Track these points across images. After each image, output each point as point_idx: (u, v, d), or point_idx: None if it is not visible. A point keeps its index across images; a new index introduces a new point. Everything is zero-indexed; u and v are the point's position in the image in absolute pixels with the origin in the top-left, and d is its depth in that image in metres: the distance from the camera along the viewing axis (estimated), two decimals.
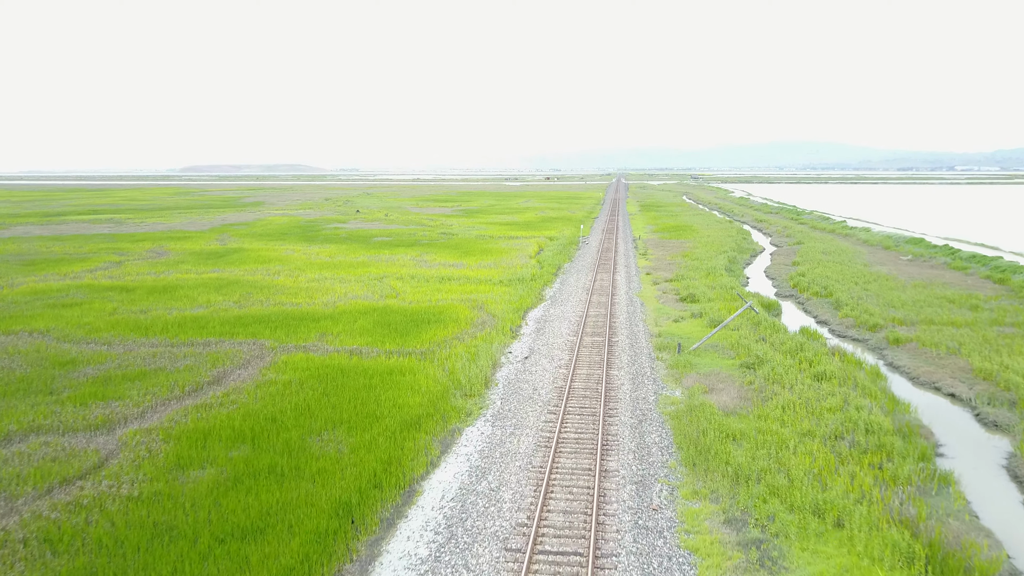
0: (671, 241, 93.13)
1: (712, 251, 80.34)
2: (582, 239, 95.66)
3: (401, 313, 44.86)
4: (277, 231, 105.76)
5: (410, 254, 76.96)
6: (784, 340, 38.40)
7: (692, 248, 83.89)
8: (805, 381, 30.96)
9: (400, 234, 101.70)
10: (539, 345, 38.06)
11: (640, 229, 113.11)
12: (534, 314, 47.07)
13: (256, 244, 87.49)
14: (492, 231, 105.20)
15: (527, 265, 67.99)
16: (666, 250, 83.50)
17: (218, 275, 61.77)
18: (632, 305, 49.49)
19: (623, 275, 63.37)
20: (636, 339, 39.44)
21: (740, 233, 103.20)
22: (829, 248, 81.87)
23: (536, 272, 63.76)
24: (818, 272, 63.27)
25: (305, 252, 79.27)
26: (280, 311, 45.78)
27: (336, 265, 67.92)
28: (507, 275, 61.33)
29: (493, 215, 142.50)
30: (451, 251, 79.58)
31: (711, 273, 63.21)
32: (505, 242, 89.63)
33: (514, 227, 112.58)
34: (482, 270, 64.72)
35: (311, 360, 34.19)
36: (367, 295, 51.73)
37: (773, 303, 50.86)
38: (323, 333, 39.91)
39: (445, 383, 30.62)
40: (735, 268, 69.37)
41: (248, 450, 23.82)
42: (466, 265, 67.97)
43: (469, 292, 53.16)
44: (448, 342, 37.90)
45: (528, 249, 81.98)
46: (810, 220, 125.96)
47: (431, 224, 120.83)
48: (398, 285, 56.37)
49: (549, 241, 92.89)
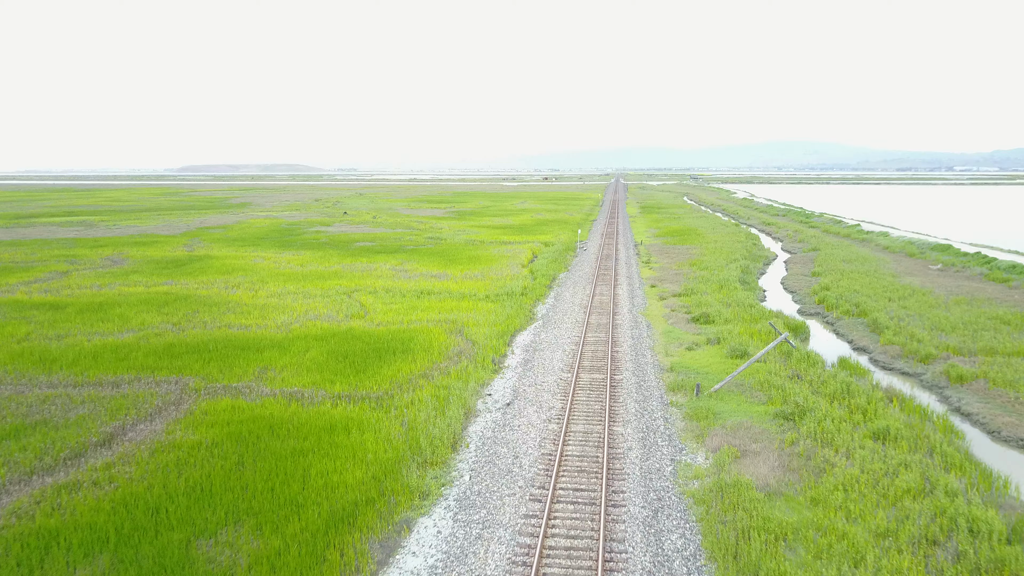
0: (676, 247, 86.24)
1: (722, 259, 73.48)
2: (580, 244, 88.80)
3: (364, 339, 37.91)
4: (253, 236, 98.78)
5: (391, 262, 70.02)
6: (824, 377, 31.52)
7: (700, 255, 76.99)
8: (864, 442, 24.05)
9: (385, 239, 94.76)
10: (525, 385, 31.13)
11: (642, 233, 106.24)
12: (522, 339, 40.13)
13: (225, 251, 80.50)
14: (484, 235, 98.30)
15: (518, 276, 61.06)
16: (671, 257, 76.62)
17: (169, 288, 54.78)
18: (637, 327, 42.57)
19: (625, 288, 56.46)
20: (644, 375, 32.54)
21: (749, 238, 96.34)
22: (849, 256, 75.00)
23: (527, 285, 56.86)
24: (844, 285, 56.36)
25: (276, 260, 72.29)
26: (223, 336, 38.82)
27: (305, 276, 60.95)
28: (495, 288, 54.42)
29: (487, 217, 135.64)
30: (436, 259, 72.65)
31: (724, 286, 56.33)
32: (496, 248, 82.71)
33: (508, 231, 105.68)
34: (468, 282, 57.79)
35: (238, 409, 27.23)
36: (330, 315, 44.77)
37: (800, 325, 43.91)
38: (265, 368, 32.96)
39: (400, 447, 23.69)
40: (749, 279, 62.47)
41: (103, 566, 16.87)
42: (450, 276, 61.04)
43: (449, 310, 46.22)
44: (414, 381, 30.96)
45: (521, 256, 75.06)
46: (821, 223, 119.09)
47: (420, 227, 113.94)
48: (369, 302, 49.40)
49: (544, 247, 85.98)
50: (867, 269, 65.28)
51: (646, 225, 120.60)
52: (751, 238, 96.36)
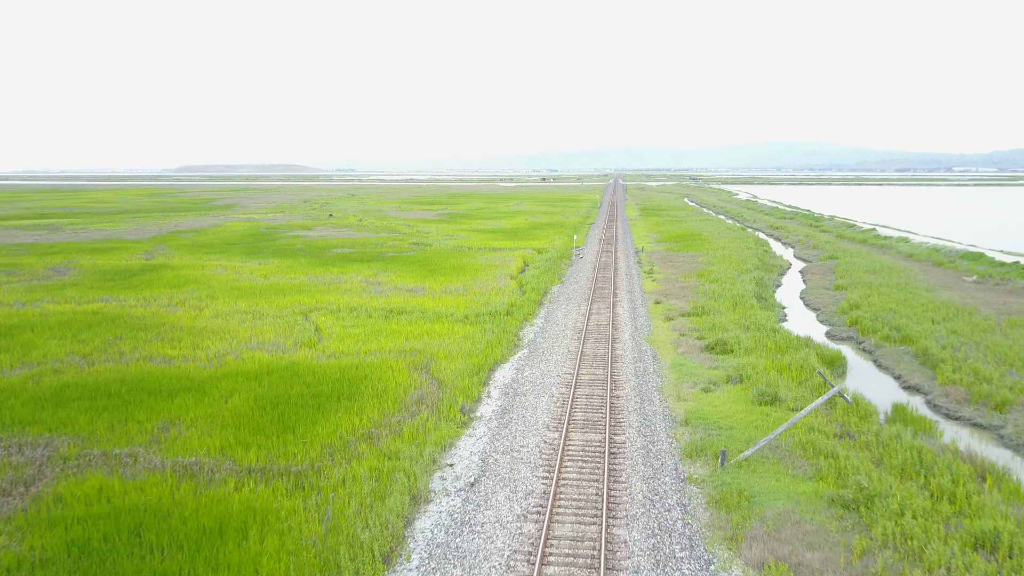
0: (680, 255, 79.26)
1: (732, 268, 66.51)
2: (576, 251, 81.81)
3: (306, 379, 30.88)
4: (224, 241, 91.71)
5: (364, 273, 62.98)
6: (883, 437, 24.54)
7: (707, 264, 69.99)
8: (970, 559, 17.06)
9: (365, 244, 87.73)
10: (498, 451, 24.10)
11: (642, 238, 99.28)
12: (502, 376, 33.09)
13: (187, 259, 73.41)
14: (473, 240, 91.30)
15: (505, 290, 54.06)
16: (676, 267, 69.62)
17: (101, 307, 47.67)
18: (641, 359, 35.56)
19: (626, 306, 49.44)
20: (652, 433, 25.53)
21: (758, 244, 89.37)
22: (872, 265, 68.01)
23: (514, 301, 49.86)
24: (877, 302, 49.36)
25: (238, 270, 65.23)
26: (137, 374, 31.77)
27: (263, 291, 53.87)
28: (477, 306, 47.43)
29: (479, 220, 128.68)
30: (416, 269, 65.61)
31: (739, 303, 49.36)
32: (485, 256, 75.71)
33: (499, 236, 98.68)
34: (446, 298, 50.78)
35: (105, 493, 20.19)
36: (275, 343, 37.71)
37: (834, 356, 36.80)
38: (169, 422, 25.91)
39: (310, 566, 16.66)
40: (765, 294, 55.43)
41: None
42: (428, 290, 54.01)
43: (418, 336, 39.17)
44: (354, 445, 23.93)
45: (510, 266, 68.05)
46: (832, 227, 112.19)
47: (406, 231, 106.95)
48: (326, 324, 42.34)
49: (537, 254, 79.00)
50: (896, 282, 58.30)
51: (647, 229, 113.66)
52: (760, 244, 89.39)
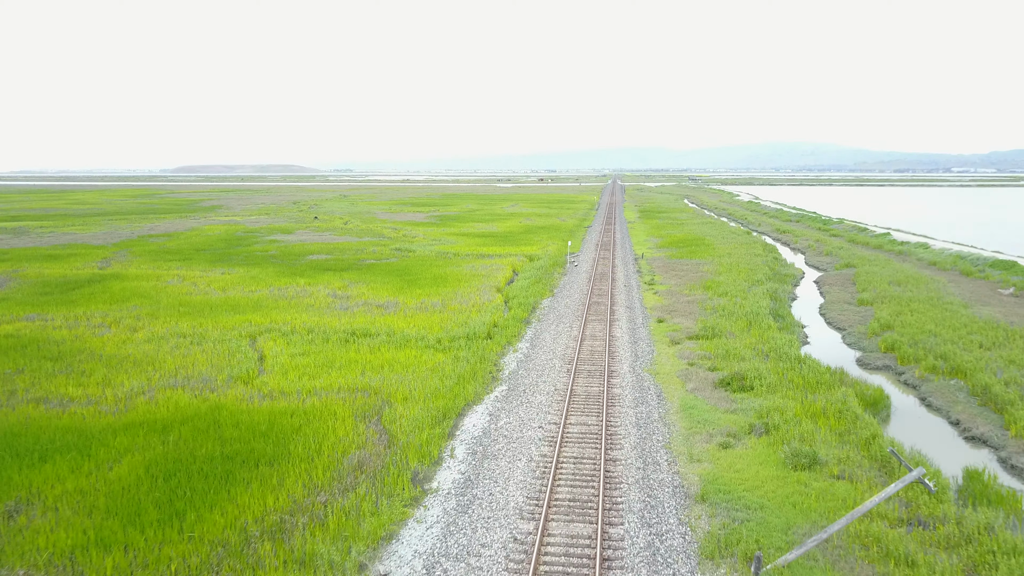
0: (683, 262, 73.08)
1: (741, 279, 60.41)
2: (570, 258, 75.67)
3: (226, 431, 24.70)
4: (194, 246, 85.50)
5: (334, 284, 56.81)
6: (968, 528, 18.44)
7: (714, 274, 63.84)
8: None
9: (344, 250, 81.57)
10: (450, 554, 17.79)
11: (642, 243, 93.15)
12: (472, 426, 26.89)
13: (144, 267, 67.17)
14: (460, 246, 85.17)
15: (488, 306, 47.91)
16: (679, 276, 63.48)
17: (20, 327, 41.40)
18: (644, 401, 29.38)
19: (624, 325, 43.26)
20: (659, 521, 19.32)
21: (766, 250, 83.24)
22: (895, 275, 61.88)
23: (498, 320, 43.72)
24: (911, 322, 43.20)
25: (196, 281, 59.03)
26: (18, 422, 25.56)
27: (214, 307, 47.65)
28: (453, 326, 41.31)
29: (470, 223, 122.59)
30: (392, 280, 59.46)
31: (754, 322, 43.23)
32: (471, 264, 69.56)
33: (490, 240, 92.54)
34: (420, 316, 44.62)
35: None
36: (206, 377, 31.51)
37: (876, 395, 30.36)
38: (26, 501, 19.69)
39: None
40: (782, 310, 49.24)
41: None
42: (400, 306, 47.84)
43: (377, 368, 32.99)
44: (255, 544, 17.72)
45: (497, 276, 61.90)
46: (843, 231, 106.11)
47: (392, 235, 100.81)
48: (274, 351, 36.14)
49: (528, 262, 72.85)
50: (926, 296, 52.19)
51: (646, 233, 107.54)
52: (769, 250, 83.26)
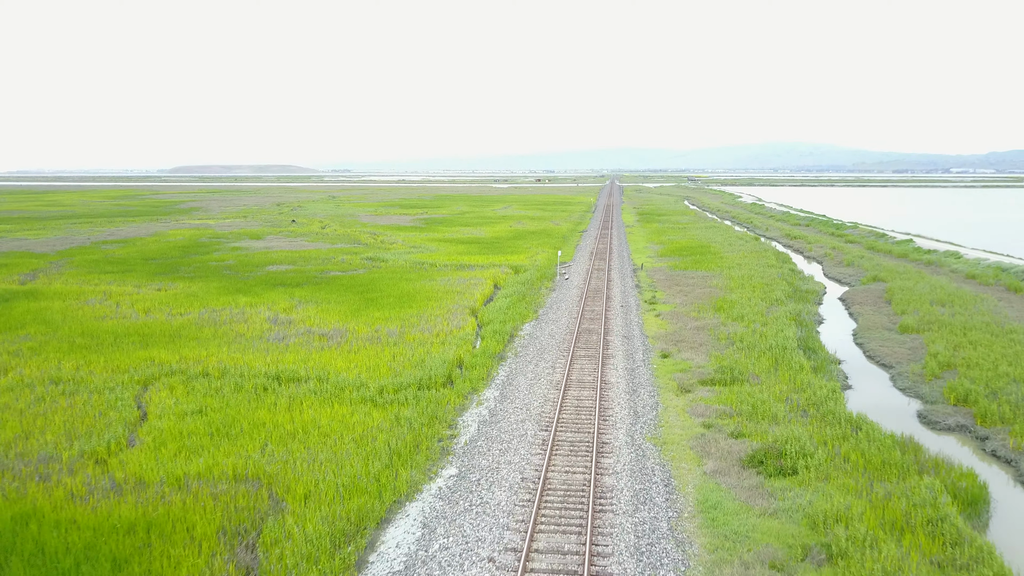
0: (688, 274, 64.73)
1: (757, 296, 52.17)
2: (561, 269, 67.38)
3: (11, 568, 16.42)
4: (145, 255, 77.17)
5: (281, 305, 48.44)
6: None
7: (724, 290, 55.54)
8: None
9: (310, 260, 73.24)
10: None
11: (641, 250, 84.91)
12: (394, 547, 18.39)
13: (73, 282, 58.79)
14: (440, 255, 76.88)
15: (455, 335, 39.60)
16: (685, 293, 55.18)
17: None
18: (647, 498, 20.89)
19: (621, 364, 34.92)
20: None
21: (779, 259, 74.97)
22: (934, 292, 53.58)
23: (463, 356, 35.42)
24: (977, 359, 34.83)
25: (121, 300, 50.66)
26: None
27: (122, 336, 39.12)
28: (406, 366, 33.02)
29: (457, 227, 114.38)
30: (352, 297, 51.16)
31: (781, 358, 34.94)
32: (447, 276, 61.28)
33: (474, 248, 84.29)
34: (368, 349, 36.29)
35: None
36: (45, 456, 22.99)
37: (971, 486, 21.83)
38: None
39: None
40: (811, 340, 40.83)
41: None
42: (348, 335, 39.48)
43: (288, 434, 24.62)
44: None
45: (475, 292, 53.62)
46: (859, 237, 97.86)
47: (368, 241, 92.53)
48: (162, 408, 27.68)
49: (513, 274, 64.58)
50: (981, 321, 43.86)
51: (646, 238, 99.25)
52: (782, 260, 74.94)
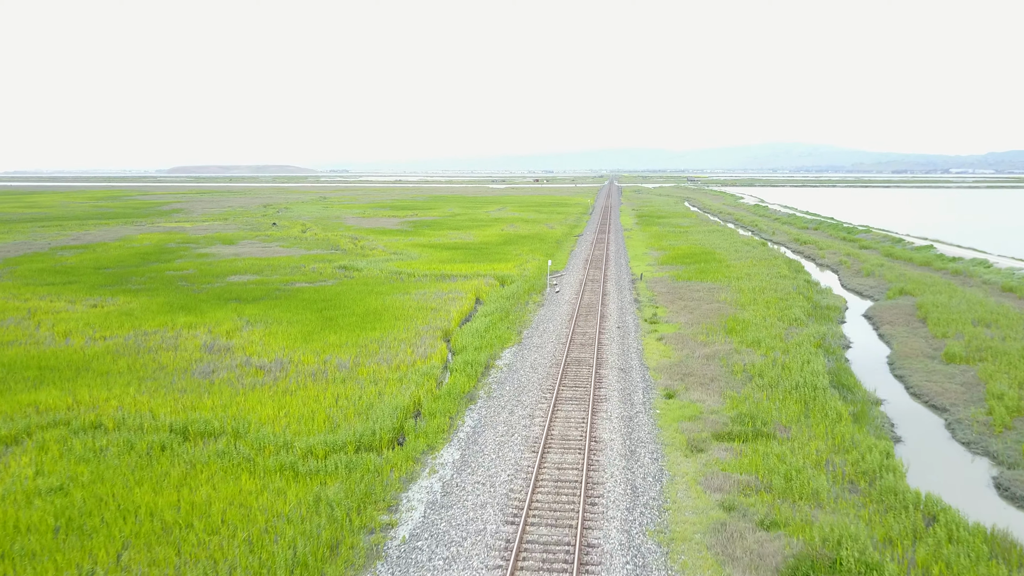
0: (693, 285, 58.35)
1: (772, 314, 45.82)
2: (552, 280, 61.06)
3: None
4: (100, 263, 70.76)
5: (223, 328, 41.99)
6: None
7: (735, 305, 49.14)
8: None
9: (278, 268, 66.82)
10: None
11: (640, 257, 78.58)
12: None
13: (2, 296, 52.42)
14: (421, 263, 70.50)
15: (418, 368, 33.19)
16: (690, 309, 48.77)
17: None
18: None
19: (615, 410, 28.46)
20: None
21: (791, 268, 68.59)
22: (972, 308, 47.16)
23: (423, 398, 29.04)
24: None
25: (43, 321, 44.21)
26: None
27: (18, 369, 32.78)
28: (346, 416, 26.63)
29: (446, 231, 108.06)
30: (308, 316, 44.72)
31: (812, 401, 28.55)
32: (424, 289, 54.92)
33: (460, 254, 77.96)
34: (308, 389, 29.87)
35: None
36: None
37: None
38: None
39: None
40: (843, 373, 34.42)
41: None
42: (290, 367, 33.06)
43: (168, 525, 18.24)
44: None
45: (451, 309, 47.25)
46: (872, 241, 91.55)
47: (348, 247, 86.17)
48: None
49: (498, 285, 58.25)
50: None
51: (645, 243, 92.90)
52: (794, 269, 68.53)
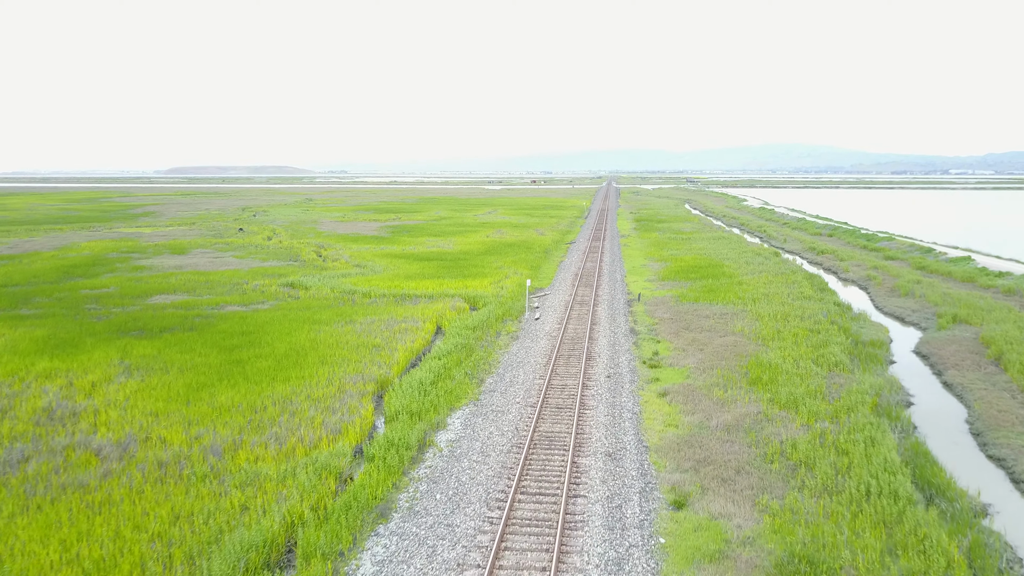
0: (701, 309, 48.65)
1: (803, 351, 36.21)
2: (533, 300, 51.45)
3: None
4: (11, 279, 61.21)
5: (89, 378, 32.23)
6: None
7: (756, 339, 39.44)
8: None
9: (214, 286, 57.24)
10: None
11: (639, 269, 69.02)
12: None
13: None
14: (383, 279, 60.93)
15: (322, 452, 23.47)
16: (700, 345, 39.04)
17: None
18: None
19: (597, 541, 18.69)
20: None
21: (813, 284, 58.93)
22: None
23: (297, 517, 19.39)
24: None
25: None
26: None
27: None
28: (169, 570, 17.12)
29: (425, 237, 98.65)
30: (212, 357, 35.04)
31: (892, 520, 18.97)
32: (373, 316, 45.29)
33: (432, 266, 68.46)
34: (148, 496, 20.14)
35: None
36: None
37: None
38: None
39: None
40: (921, 457, 24.88)
41: None
42: (140, 448, 23.23)
43: None
44: None
45: (400, 347, 37.59)
46: (898, 251, 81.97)
47: (309, 257, 76.65)
48: None
49: (467, 310, 48.70)
50: None
51: (644, 253, 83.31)
52: (818, 286, 58.79)
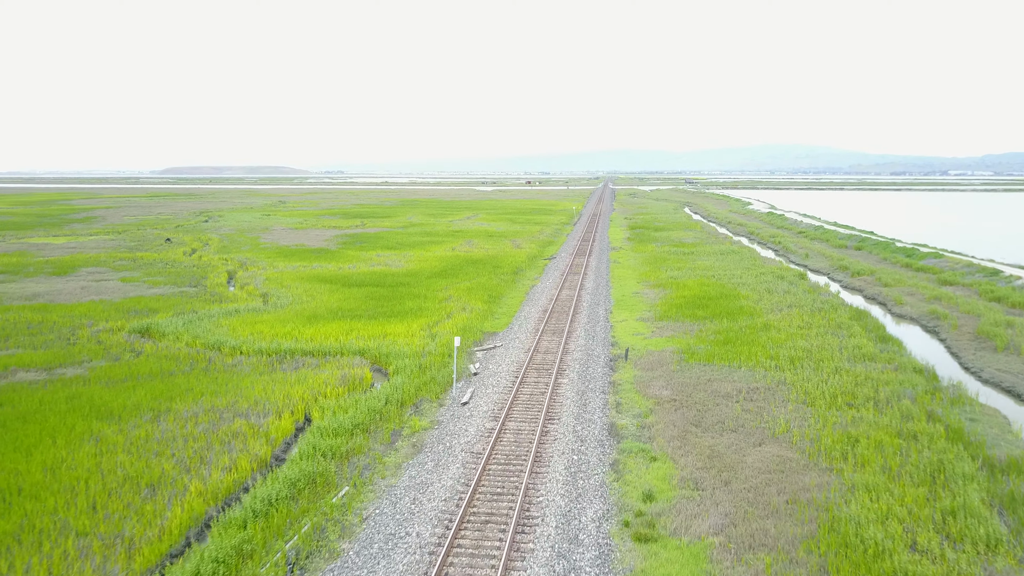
0: (715, 376, 32.18)
1: (911, 495, 20.17)
2: (474, 356, 35.23)
3: None
4: None
5: None
6: None
7: (814, 462, 23.06)
8: None
9: (41, 331, 40.97)
10: None
11: (629, 302, 52.83)
12: None
13: None
14: (284, 317, 44.77)
15: None
16: (720, 469, 22.55)
17: None
18: None
19: None
20: None
21: (866, 330, 42.55)
22: None
23: None
24: None
25: None
26: None
27: None
28: None
29: (376, 251, 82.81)
30: None
31: None
32: (214, 396, 28.92)
33: (361, 297, 52.35)
34: None
35: None
36: None
37: None
38: None
39: None
40: None
41: None
42: None
43: None
44: None
45: (195, 485, 21.25)
46: (952, 273, 65.76)
47: (212, 283, 60.61)
48: None
49: (369, 380, 32.54)
50: None
51: (637, 274, 67.05)
52: (878, 335, 42.08)
